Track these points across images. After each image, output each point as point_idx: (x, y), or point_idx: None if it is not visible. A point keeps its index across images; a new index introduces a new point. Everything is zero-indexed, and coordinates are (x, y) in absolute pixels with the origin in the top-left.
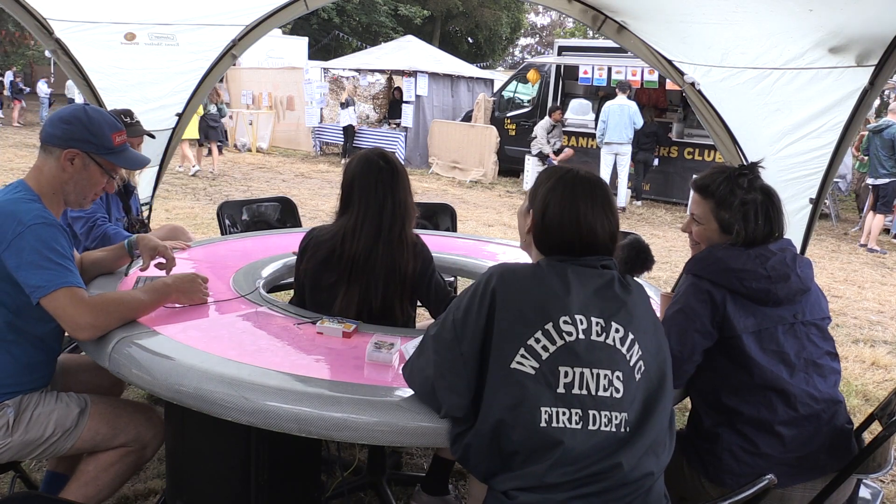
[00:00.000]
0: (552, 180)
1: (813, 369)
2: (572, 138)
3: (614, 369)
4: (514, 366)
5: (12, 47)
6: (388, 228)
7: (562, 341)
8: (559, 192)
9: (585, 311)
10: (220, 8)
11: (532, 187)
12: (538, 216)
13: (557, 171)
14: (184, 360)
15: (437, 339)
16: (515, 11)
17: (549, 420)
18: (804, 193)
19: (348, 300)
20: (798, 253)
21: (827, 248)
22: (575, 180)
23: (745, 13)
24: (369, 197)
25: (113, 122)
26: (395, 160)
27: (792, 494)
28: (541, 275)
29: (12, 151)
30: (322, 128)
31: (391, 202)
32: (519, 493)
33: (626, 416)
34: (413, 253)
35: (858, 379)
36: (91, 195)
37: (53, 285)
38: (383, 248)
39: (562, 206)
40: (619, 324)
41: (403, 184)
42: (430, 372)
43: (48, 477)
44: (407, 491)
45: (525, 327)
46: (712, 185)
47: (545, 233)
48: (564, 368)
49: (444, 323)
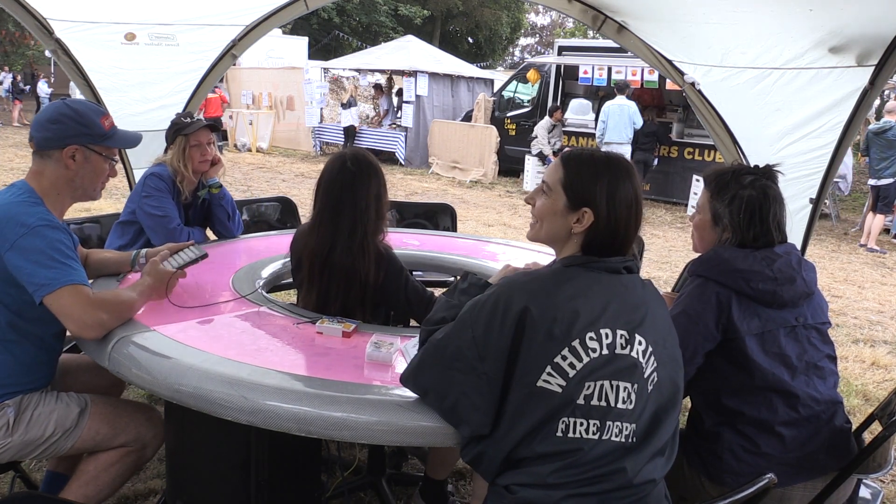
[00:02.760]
0: (610, 171)
1: (813, 372)
2: (572, 138)
3: (633, 382)
4: (541, 384)
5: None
6: (347, 232)
7: (588, 358)
8: (623, 184)
9: (611, 323)
10: (220, 8)
11: (568, 177)
12: (602, 214)
13: (609, 161)
14: (184, 360)
15: (456, 358)
16: (515, 11)
17: (566, 430)
18: (804, 193)
19: (306, 300)
20: (802, 257)
21: (827, 248)
22: (624, 166)
23: (745, 13)
24: (327, 196)
25: (97, 108)
26: (367, 163)
27: (792, 494)
28: (564, 285)
29: (12, 151)
30: (322, 128)
31: (350, 205)
32: (520, 487)
33: (634, 427)
34: (376, 262)
35: (858, 379)
36: (100, 184)
37: (58, 283)
38: (342, 251)
39: (628, 202)
40: (642, 335)
41: (367, 188)
42: (449, 391)
43: (48, 477)
44: (407, 491)
45: (552, 346)
46: (715, 176)
47: (607, 233)
48: (588, 382)
49: (461, 338)
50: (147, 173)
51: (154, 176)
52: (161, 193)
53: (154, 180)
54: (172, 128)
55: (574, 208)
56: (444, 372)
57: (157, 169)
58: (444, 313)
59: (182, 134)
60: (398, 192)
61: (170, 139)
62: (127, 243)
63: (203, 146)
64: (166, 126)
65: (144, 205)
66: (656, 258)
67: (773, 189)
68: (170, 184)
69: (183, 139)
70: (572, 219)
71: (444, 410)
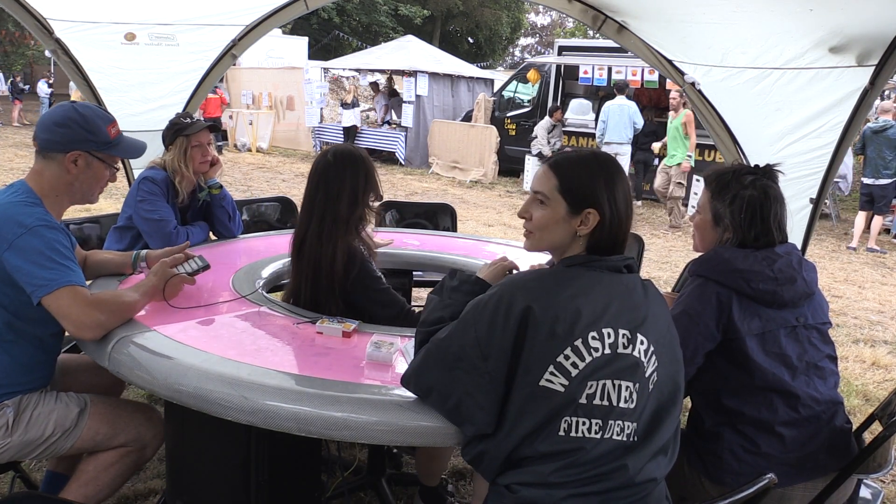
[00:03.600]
0: (603, 169)
1: (814, 372)
2: (572, 138)
3: (635, 381)
4: (544, 383)
5: (12, 47)
6: (318, 221)
7: (590, 357)
8: (618, 179)
9: (613, 322)
10: (220, 8)
11: (565, 184)
12: (606, 212)
13: (598, 159)
14: (184, 360)
15: (459, 358)
16: (515, 11)
17: (568, 429)
18: (804, 193)
19: (286, 291)
20: (803, 257)
21: (827, 248)
22: (612, 162)
23: (745, 13)
24: (308, 186)
25: (105, 115)
26: (347, 155)
27: (792, 494)
28: (567, 285)
29: (12, 151)
30: (322, 128)
31: (322, 192)
32: (521, 487)
33: (635, 426)
34: (345, 255)
35: (858, 379)
36: (98, 190)
37: (56, 284)
38: (311, 239)
39: (626, 196)
40: (644, 335)
41: (341, 177)
42: (452, 391)
43: (48, 477)
44: (407, 491)
45: (555, 345)
46: (716, 176)
47: (612, 231)
48: (591, 382)
49: (464, 338)
50: (140, 178)
51: (147, 180)
52: (155, 197)
53: (148, 184)
54: (172, 128)
55: (577, 212)
56: (448, 372)
57: (151, 173)
58: (440, 313)
59: (183, 135)
60: (398, 192)
61: (168, 140)
62: (124, 248)
63: (204, 146)
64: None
65: (140, 210)
66: (656, 258)
67: (774, 189)
68: (164, 186)
69: (184, 140)
70: (576, 222)
71: (448, 410)
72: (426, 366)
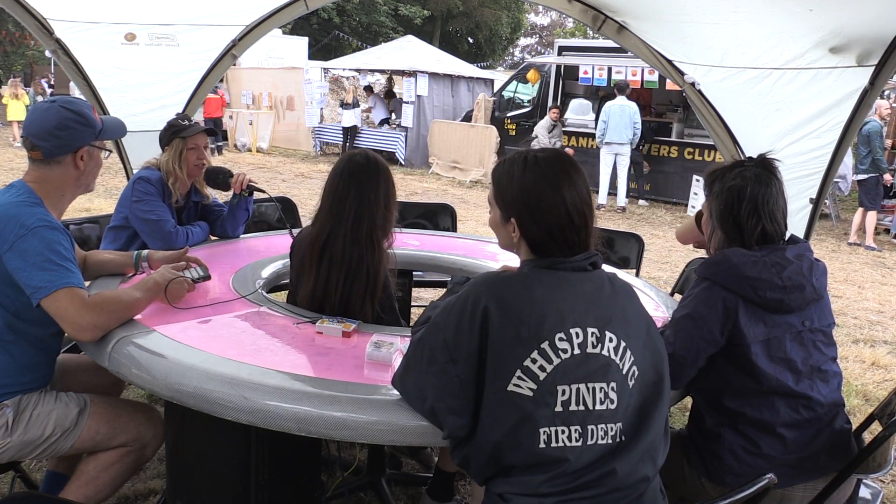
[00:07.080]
0: (526, 176)
1: (817, 375)
2: (572, 138)
3: (609, 381)
4: (511, 388)
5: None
6: (352, 222)
7: (558, 359)
8: (540, 187)
9: (580, 322)
10: (220, 8)
11: (495, 192)
12: (525, 222)
13: (521, 164)
14: (183, 360)
15: (431, 361)
16: (515, 11)
17: (549, 440)
18: (804, 193)
19: (304, 292)
20: (815, 260)
21: (827, 248)
22: (546, 167)
23: (745, 13)
24: (332, 185)
25: (87, 103)
26: (378, 161)
27: (792, 494)
28: (532, 287)
29: (12, 151)
30: (322, 128)
31: (356, 194)
32: (513, 496)
33: (620, 425)
34: (385, 264)
35: (858, 379)
36: (97, 176)
37: (54, 286)
38: (345, 240)
39: (549, 204)
40: (613, 332)
41: (375, 182)
42: (427, 393)
43: (48, 477)
44: (407, 491)
45: (520, 348)
46: (709, 173)
47: (544, 237)
48: (562, 387)
49: (434, 340)
50: (135, 177)
51: (142, 180)
52: (151, 197)
53: (143, 184)
54: (169, 129)
55: (506, 219)
56: (422, 375)
57: (145, 173)
58: (429, 313)
59: (180, 136)
60: (398, 193)
61: (165, 140)
62: (120, 248)
63: (200, 149)
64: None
65: (137, 210)
66: (656, 258)
67: (765, 175)
68: (159, 187)
69: (180, 142)
70: (510, 228)
71: (425, 413)
72: (406, 367)
